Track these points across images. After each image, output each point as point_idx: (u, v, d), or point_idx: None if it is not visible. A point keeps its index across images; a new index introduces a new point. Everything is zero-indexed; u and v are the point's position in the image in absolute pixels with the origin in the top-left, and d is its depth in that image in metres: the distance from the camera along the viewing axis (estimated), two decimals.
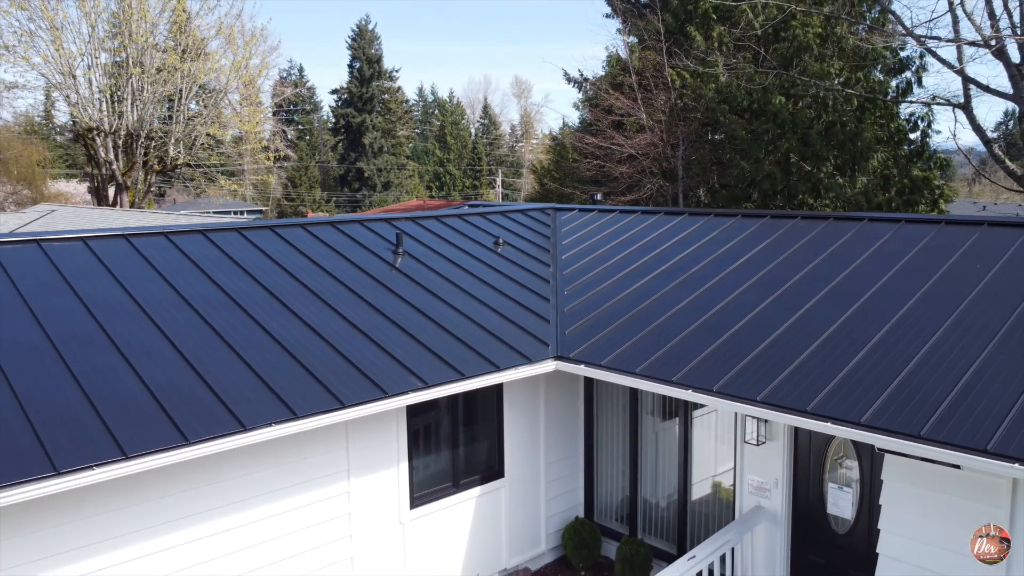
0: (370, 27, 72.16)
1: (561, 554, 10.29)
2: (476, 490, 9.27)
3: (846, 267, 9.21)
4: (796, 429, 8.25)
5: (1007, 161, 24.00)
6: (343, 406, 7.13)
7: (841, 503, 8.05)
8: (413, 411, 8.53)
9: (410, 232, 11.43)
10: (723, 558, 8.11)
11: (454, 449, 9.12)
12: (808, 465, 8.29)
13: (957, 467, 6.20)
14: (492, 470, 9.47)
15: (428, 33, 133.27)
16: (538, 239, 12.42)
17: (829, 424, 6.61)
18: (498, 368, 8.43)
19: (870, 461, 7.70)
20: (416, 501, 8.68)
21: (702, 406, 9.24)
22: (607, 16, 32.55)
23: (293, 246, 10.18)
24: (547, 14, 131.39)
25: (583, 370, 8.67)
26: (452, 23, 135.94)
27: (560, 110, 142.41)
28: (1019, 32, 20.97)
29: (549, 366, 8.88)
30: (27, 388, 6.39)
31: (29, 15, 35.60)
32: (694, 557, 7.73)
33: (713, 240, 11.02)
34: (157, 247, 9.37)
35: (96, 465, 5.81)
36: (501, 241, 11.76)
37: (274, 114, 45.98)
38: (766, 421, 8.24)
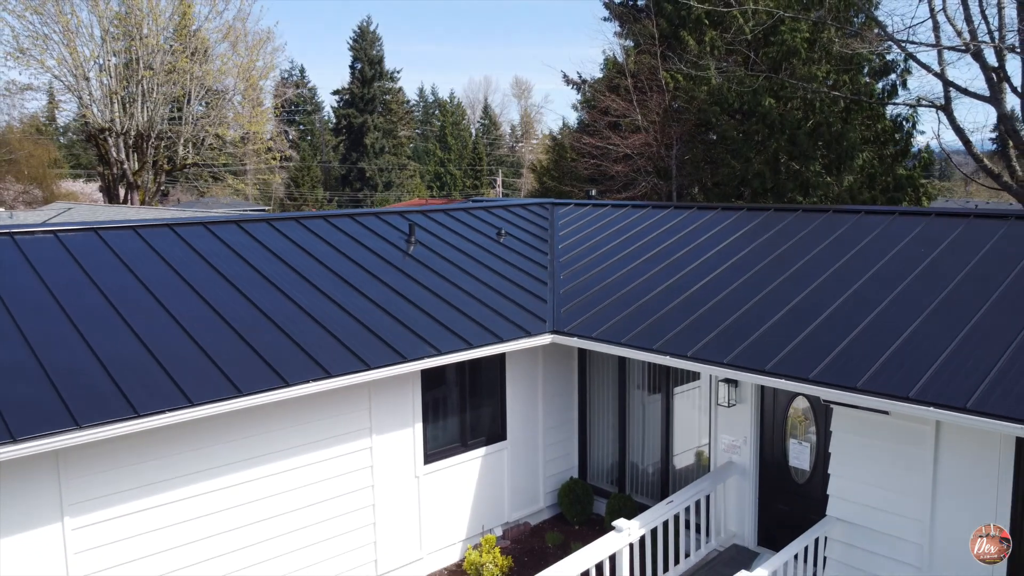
0: (371, 28, 73.26)
1: (557, 511, 11.46)
2: (482, 450, 10.44)
3: (809, 252, 10.38)
4: (762, 392, 9.43)
5: (985, 160, 25.19)
6: (369, 367, 8.31)
7: (801, 456, 9.23)
8: (427, 377, 9.70)
9: (421, 224, 12.59)
10: (698, 504, 9.28)
11: (462, 413, 10.29)
12: (772, 425, 9.46)
13: (886, 412, 7.38)
14: (496, 433, 10.64)
15: (429, 34, 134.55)
16: (537, 230, 13.59)
17: (783, 380, 7.79)
18: (501, 339, 9.61)
19: (824, 419, 8.87)
20: (429, 458, 9.86)
21: (683, 383, 10.44)
22: (604, 19, 33.65)
23: (317, 235, 11.34)
24: (547, 16, 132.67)
25: (576, 342, 9.85)
26: (453, 24, 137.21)
27: (560, 111, 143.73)
28: (995, 38, 22.12)
29: (546, 339, 10.06)
30: (104, 348, 7.56)
31: (43, 19, 36.81)
32: (672, 502, 8.89)
33: (694, 230, 12.19)
34: (198, 235, 10.54)
35: (168, 410, 6.98)
36: (503, 232, 12.93)
37: (277, 115, 47.02)
38: (736, 385, 9.43)
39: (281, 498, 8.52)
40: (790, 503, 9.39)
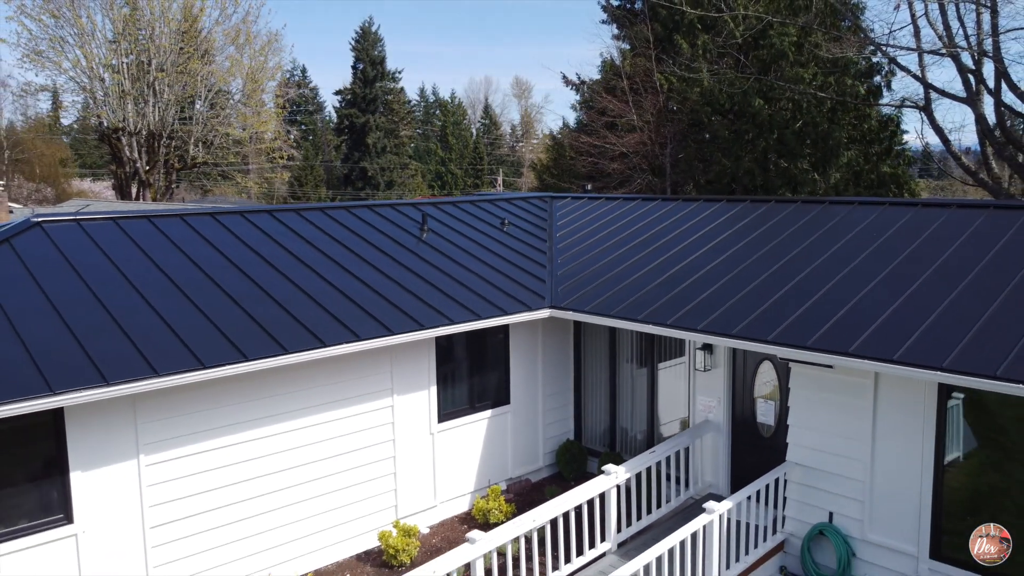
0: (373, 29, 74.48)
1: (555, 470, 12.80)
2: (488, 412, 11.79)
3: (778, 236, 11.72)
4: (734, 357, 10.77)
5: (962, 158, 26.53)
6: (392, 333, 9.67)
7: (767, 413, 10.57)
8: (440, 346, 11.04)
9: (432, 214, 13.94)
10: (677, 455, 10.61)
11: (471, 379, 11.64)
12: (743, 386, 10.81)
13: (830, 367, 8.72)
14: (501, 398, 11.99)
15: (430, 34, 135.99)
16: (537, 220, 14.94)
17: (746, 342, 9.14)
18: (505, 312, 10.97)
19: (786, 379, 10.20)
20: (443, 417, 11.20)
21: (667, 359, 11.77)
22: (603, 22, 34.97)
23: (340, 223, 12.68)
24: (547, 17, 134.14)
25: (571, 315, 11.20)
26: (453, 24, 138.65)
27: (559, 111, 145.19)
28: (973, 42, 23.42)
29: (544, 313, 11.41)
30: (169, 313, 8.90)
31: (59, 22, 38.14)
32: (654, 452, 10.23)
33: (679, 219, 13.53)
34: (236, 222, 11.87)
35: (228, 363, 8.33)
36: (506, 221, 14.27)
37: (280, 116, 48.35)
38: (711, 352, 10.77)
39: (317, 447, 9.86)
40: (758, 455, 10.72)
